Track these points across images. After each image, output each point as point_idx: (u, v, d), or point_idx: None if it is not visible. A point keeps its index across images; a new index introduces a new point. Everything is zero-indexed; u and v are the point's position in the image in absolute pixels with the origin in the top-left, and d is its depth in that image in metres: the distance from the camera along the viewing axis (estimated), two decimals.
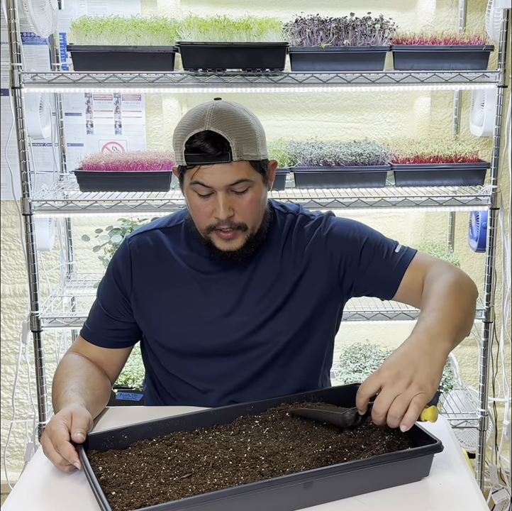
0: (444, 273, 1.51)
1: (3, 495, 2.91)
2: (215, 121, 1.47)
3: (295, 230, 1.65)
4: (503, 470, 2.93)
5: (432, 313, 1.36)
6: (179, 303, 1.62)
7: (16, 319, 3.00)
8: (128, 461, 1.29)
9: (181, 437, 1.37)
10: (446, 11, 2.77)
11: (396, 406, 1.21)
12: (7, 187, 2.72)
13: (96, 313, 1.70)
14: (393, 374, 1.23)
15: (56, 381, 1.58)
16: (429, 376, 1.24)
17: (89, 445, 1.33)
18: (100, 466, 1.27)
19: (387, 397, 1.21)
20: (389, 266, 1.61)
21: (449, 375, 2.59)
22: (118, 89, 2.56)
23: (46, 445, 1.33)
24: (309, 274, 1.62)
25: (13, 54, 2.31)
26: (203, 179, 1.49)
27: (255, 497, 1.14)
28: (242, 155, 1.48)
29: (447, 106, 2.86)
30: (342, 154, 2.49)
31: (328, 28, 2.37)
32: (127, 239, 1.70)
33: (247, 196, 1.52)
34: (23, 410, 3.03)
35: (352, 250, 1.62)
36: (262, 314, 1.60)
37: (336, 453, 1.26)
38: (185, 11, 2.70)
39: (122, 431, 1.37)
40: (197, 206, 1.54)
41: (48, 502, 1.26)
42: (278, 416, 1.42)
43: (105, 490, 1.19)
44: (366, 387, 1.24)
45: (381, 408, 1.21)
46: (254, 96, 2.82)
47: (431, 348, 1.27)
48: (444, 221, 2.94)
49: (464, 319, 1.39)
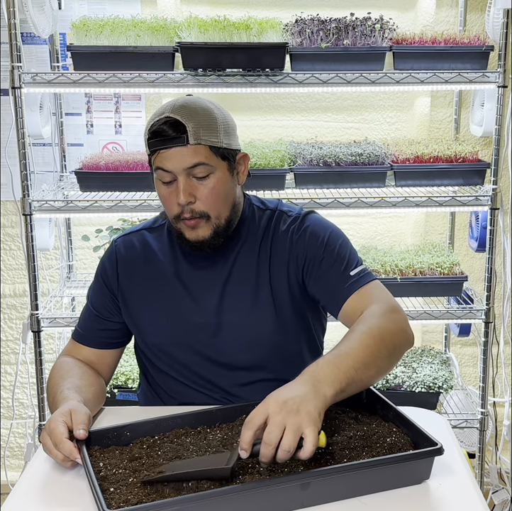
0: (375, 318, 1.44)
1: (3, 495, 2.91)
2: (175, 109, 1.52)
3: (272, 227, 1.66)
4: (503, 471, 2.93)
5: (332, 356, 1.31)
6: (163, 302, 1.64)
7: (16, 319, 3.00)
8: (128, 458, 1.30)
9: (183, 435, 1.37)
10: (446, 11, 2.77)
11: (286, 438, 1.14)
12: (7, 187, 2.72)
13: (86, 315, 1.72)
14: (280, 402, 1.18)
15: (50, 384, 1.59)
16: (316, 407, 1.19)
17: (92, 441, 1.34)
18: (101, 462, 1.28)
19: (277, 427, 1.15)
20: (341, 283, 1.56)
21: (449, 375, 2.59)
22: (118, 89, 2.56)
23: (46, 443, 1.33)
24: (280, 272, 1.63)
25: (13, 54, 2.31)
26: (163, 164, 1.52)
27: (251, 497, 1.14)
28: (199, 139, 1.50)
29: (447, 106, 2.86)
30: (342, 154, 2.49)
31: (328, 28, 2.37)
32: (113, 241, 1.73)
33: (208, 183, 1.53)
34: (23, 410, 3.03)
35: (316, 253, 1.60)
36: (243, 310, 1.61)
37: (336, 454, 1.26)
38: (185, 11, 2.70)
39: (124, 428, 1.37)
40: (163, 195, 1.57)
41: (48, 502, 1.26)
42: None
43: (104, 486, 1.20)
44: (254, 418, 1.18)
45: (273, 439, 1.14)
46: (254, 96, 2.82)
47: (313, 388, 1.22)
48: (444, 221, 2.94)
49: (365, 373, 1.32)
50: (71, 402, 1.43)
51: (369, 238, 2.94)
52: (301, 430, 1.15)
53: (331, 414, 1.38)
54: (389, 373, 2.57)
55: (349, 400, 1.43)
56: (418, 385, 2.54)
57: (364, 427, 1.33)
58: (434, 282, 2.50)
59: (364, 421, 1.38)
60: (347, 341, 1.37)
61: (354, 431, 1.32)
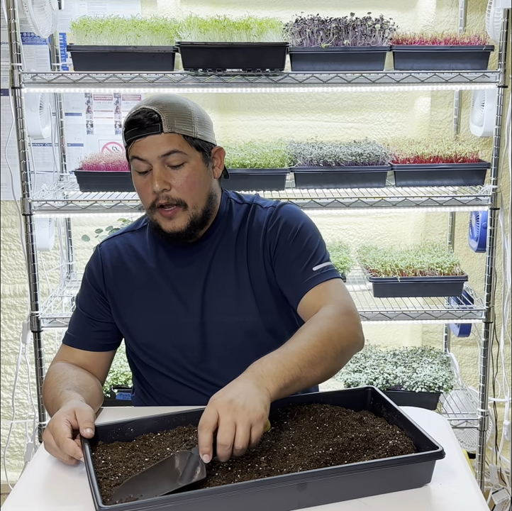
0: (327, 318, 1.46)
1: (3, 495, 2.91)
2: (150, 102, 1.57)
3: (248, 219, 1.68)
4: (503, 471, 2.93)
5: (278, 354, 1.34)
6: (149, 302, 1.66)
7: (16, 319, 3.00)
8: (130, 454, 1.30)
9: (186, 433, 1.37)
10: (446, 11, 2.77)
11: (238, 437, 1.18)
12: (7, 187, 2.72)
13: (77, 319, 1.73)
14: (227, 401, 1.21)
15: (47, 389, 1.59)
16: (262, 401, 1.22)
17: (96, 436, 1.35)
18: (103, 458, 1.29)
19: (230, 427, 1.18)
20: (302, 277, 1.58)
21: (450, 375, 2.59)
22: (118, 89, 2.56)
23: (49, 442, 1.33)
24: (257, 262, 1.65)
25: (13, 54, 2.31)
26: (138, 153, 1.56)
27: (246, 496, 1.14)
28: (173, 127, 1.55)
29: (447, 106, 2.86)
30: (342, 154, 2.49)
31: (328, 28, 2.37)
32: (97, 246, 1.76)
33: (183, 172, 1.57)
34: (23, 410, 3.03)
35: (285, 244, 1.63)
36: (223, 306, 1.63)
37: (337, 455, 1.25)
38: (185, 10, 2.70)
39: (128, 424, 1.38)
40: (138, 186, 1.60)
41: (48, 502, 1.26)
42: (283, 416, 1.42)
43: (103, 483, 1.21)
44: (207, 420, 1.19)
45: (228, 439, 1.18)
46: (254, 96, 2.82)
47: (256, 382, 1.26)
48: (445, 221, 2.94)
49: (310, 372, 1.35)
50: (73, 401, 1.43)
51: (369, 238, 2.94)
52: (250, 426, 1.19)
53: (335, 415, 1.38)
54: (391, 373, 2.57)
55: (355, 402, 1.44)
56: (418, 385, 2.54)
57: (367, 429, 1.33)
58: (434, 282, 2.50)
59: (368, 423, 1.37)
60: (296, 339, 1.40)
61: (356, 432, 1.31)
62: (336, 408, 1.42)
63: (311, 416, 1.39)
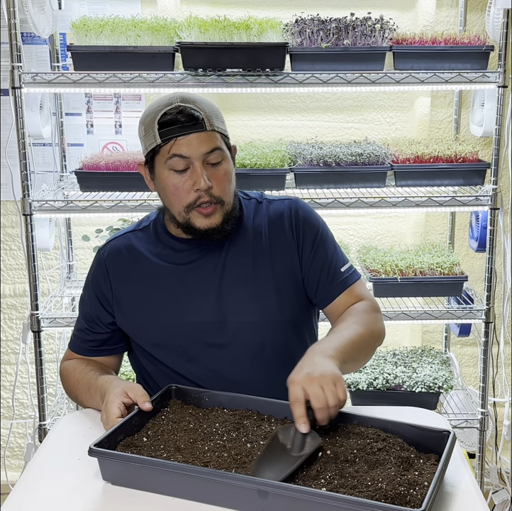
0: (364, 313, 1.62)
1: (3, 495, 2.91)
2: (183, 99, 1.57)
3: (262, 214, 1.70)
4: (503, 471, 2.93)
5: (330, 337, 1.51)
6: (159, 299, 1.65)
7: (16, 319, 3.00)
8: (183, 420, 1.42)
9: (247, 417, 1.43)
10: (446, 11, 2.77)
11: (330, 398, 1.30)
12: (7, 187, 2.72)
13: (80, 326, 1.74)
14: (306, 375, 1.33)
15: (73, 382, 1.66)
16: (334, 366, 1.36)
17: (177, 394, 1.52)
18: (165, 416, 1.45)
19: (318, 390, 1.30)
20: (334, 279, 1.67)
21: (450, 375, 2.59)
22: (118, 89, 2.56)
23: (102, 421, 1.47)
24: (281, 254, 1.66)
25: (13, 54, 2.31)
26: (181, 150, 1.54)
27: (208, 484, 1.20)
28: (213, 125, 1.57)
29: (447, 106, 2.86)
30: (342, 154, 2.49)
31: (328, 28, 2.37)
32: (100, 249, 1.74)
33: (222, 169, 1.58)
34: (23, 410, 3.03)
35: (311, 238, 1.69)
36: (242, 300, 1.63)
37: (337, 465, 1.24)
38: (185, 11, 2.70)
39: (204, 394, 1.51)
40: (175, 185, 1.57)
41: (48, 502, 1.26)
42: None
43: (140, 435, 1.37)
44: (297, 396, 1.31)
45: (323, 402, 1.30)
46: (254, 96, 2.82)
47: (323, 355, 1.40)
48: (445, 221, 2.94)
49: (358, 355, 1.53)
50: (119, 382, 1.53)
51: (369, 238, 2.94)
52: (334, 385, 1.31)
53: (337, 424, 1.37)
54: (391, 373, 2.57)
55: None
56: (418, 385, 2.54)
57: (369, 440, 1.31)
58: (434, 282, 2.50)
59: (370, 436, 1.33)
60: (342, 328, 1.55)
61: (361, 445, 1.29)
62: (337, 420, 1.37)
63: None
